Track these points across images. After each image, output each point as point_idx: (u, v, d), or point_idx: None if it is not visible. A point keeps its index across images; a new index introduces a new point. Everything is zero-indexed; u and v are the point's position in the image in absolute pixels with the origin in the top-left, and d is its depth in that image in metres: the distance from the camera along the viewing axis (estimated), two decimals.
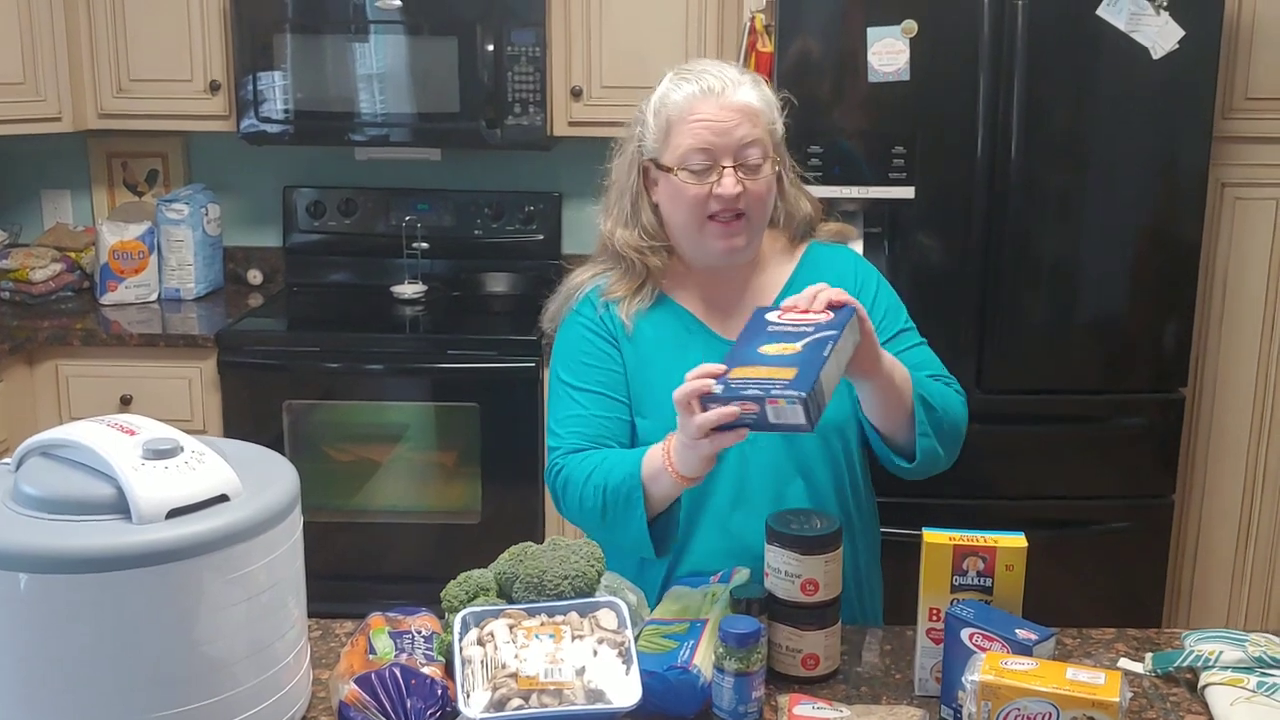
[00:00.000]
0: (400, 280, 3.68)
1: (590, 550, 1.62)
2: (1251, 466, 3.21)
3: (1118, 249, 2.98)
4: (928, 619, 1.57)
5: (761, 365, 1.53)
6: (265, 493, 1.36)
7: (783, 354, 1.54)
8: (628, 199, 1.89)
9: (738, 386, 1.52)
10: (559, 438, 1.88)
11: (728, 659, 1.47)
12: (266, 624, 1.36)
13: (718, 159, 1.78)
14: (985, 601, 1.53)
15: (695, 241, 1.85)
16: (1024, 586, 1.54)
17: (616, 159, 1.93)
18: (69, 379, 3.28)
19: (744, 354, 1.57)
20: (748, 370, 1.53)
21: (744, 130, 1.78)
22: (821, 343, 1.55)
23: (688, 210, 1.81)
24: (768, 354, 1.55)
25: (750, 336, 1.61)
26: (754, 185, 1.80)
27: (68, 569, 1.22)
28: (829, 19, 2.89)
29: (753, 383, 1.51)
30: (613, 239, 1.90)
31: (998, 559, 1.53)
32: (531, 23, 3.33)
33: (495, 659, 1.43)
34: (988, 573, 1.54)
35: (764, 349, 1.56)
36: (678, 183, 1.80)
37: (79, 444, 1.32)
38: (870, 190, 2.92)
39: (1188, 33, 2.82)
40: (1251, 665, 1.55)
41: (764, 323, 1.63)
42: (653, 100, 1.85)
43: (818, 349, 1.53)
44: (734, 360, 1.57)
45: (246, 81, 3.39)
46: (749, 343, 1.59)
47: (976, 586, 1.54)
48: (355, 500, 3.44)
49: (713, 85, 1.79)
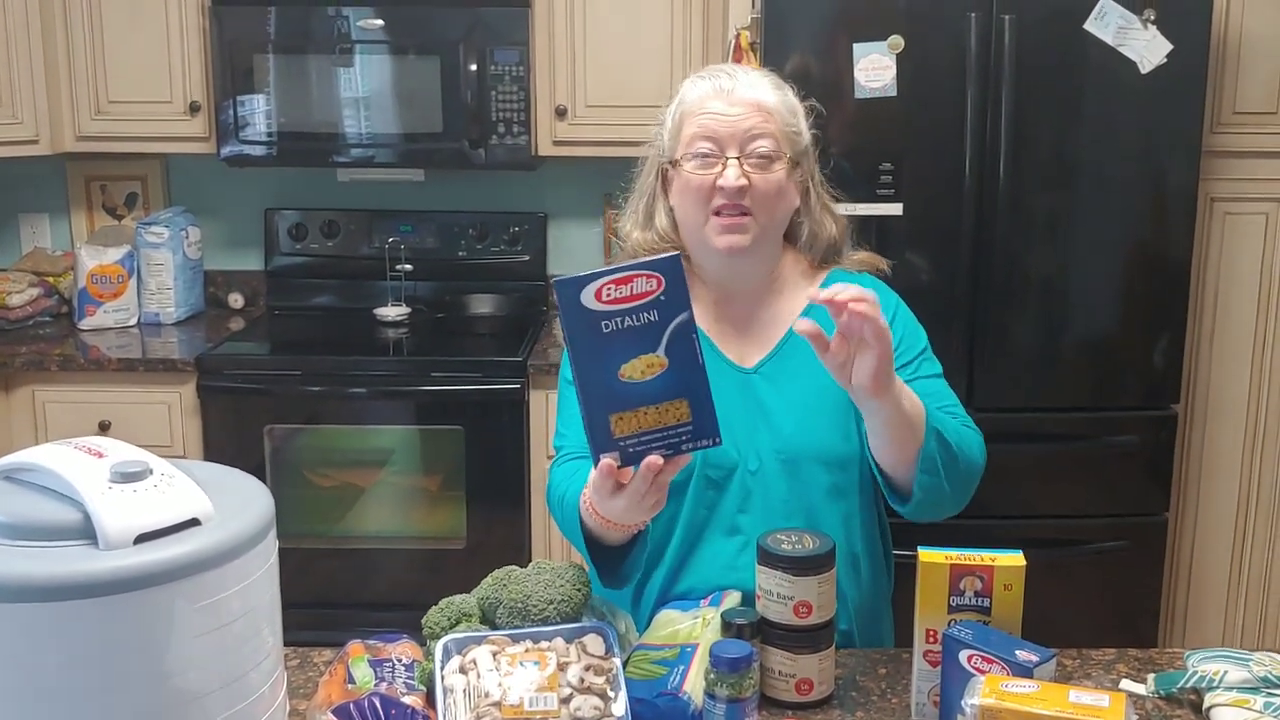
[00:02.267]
0: (384, 303, 3.64)
1: (576, 573, 1.57)
2: (1245, 482, 3.19)
3: (1107, 264, 2.96)
4: (925, 641, 1.53)
5: (639, 407, 1.39)
6: (238, 517, 1.31)
7: (651, 374, 1.38)
8: (645, 201, 1.86)
9: (638, 448, 1.40)
10: (564, 438, 1.84)
11: (719, 685, 1.43)
12: (240, 653, 1.31)
13: (724, 149, 1.74)
14: (984, 622, 1.49)
15: (700, 239, 1.79)
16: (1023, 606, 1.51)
17: (642, 168, 1.90)
18: (46, 405, 3.24)
19: (605, 384, 1.38)
20: (631, 420, 1.39)
21: (752, 122, 1.74)
22: (688, 343, 1.39)
23: (693, 202, 1.77)
24: (635, 380, 1.38)
25: (586, 345, 1.38)
26: (760, 180, 1.74)
27: (31, 597, 1.17)
28: (815, 35, 2.87)
29: (650, 439, 1.40)
30: (628, 241, 1.87)
31: (996, 578, 1.50)
32: (515, 42, 3.31)
33: (478, 687, 1.39)
34: (985, 592, 1.50)
35: (625, 371, 1.38)
36: (685, 174, 1.77)
37: (43, 468, 1.27)
38: (858, 207, 2.89)
39: (1176, 47, 2.81)
40: (1257, 685, 1.51)
41: (588, 315, 1.37)
42: (674, 101, 1.83)
43: (689, 355, 1.38)
44: (595, 400, 1.38)
45: (227, 103, 3.36)
46: (592, 358, 1.38)
47: (974, 607, 1.50)
48: (339, 526, 3.39)
49: (725, 83, 1.77)
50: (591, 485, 1.49)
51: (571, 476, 1.72)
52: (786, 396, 1.81)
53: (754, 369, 1.83)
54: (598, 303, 1.37)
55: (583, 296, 1.37)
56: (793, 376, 1.81)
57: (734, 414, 1.78)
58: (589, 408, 1.39)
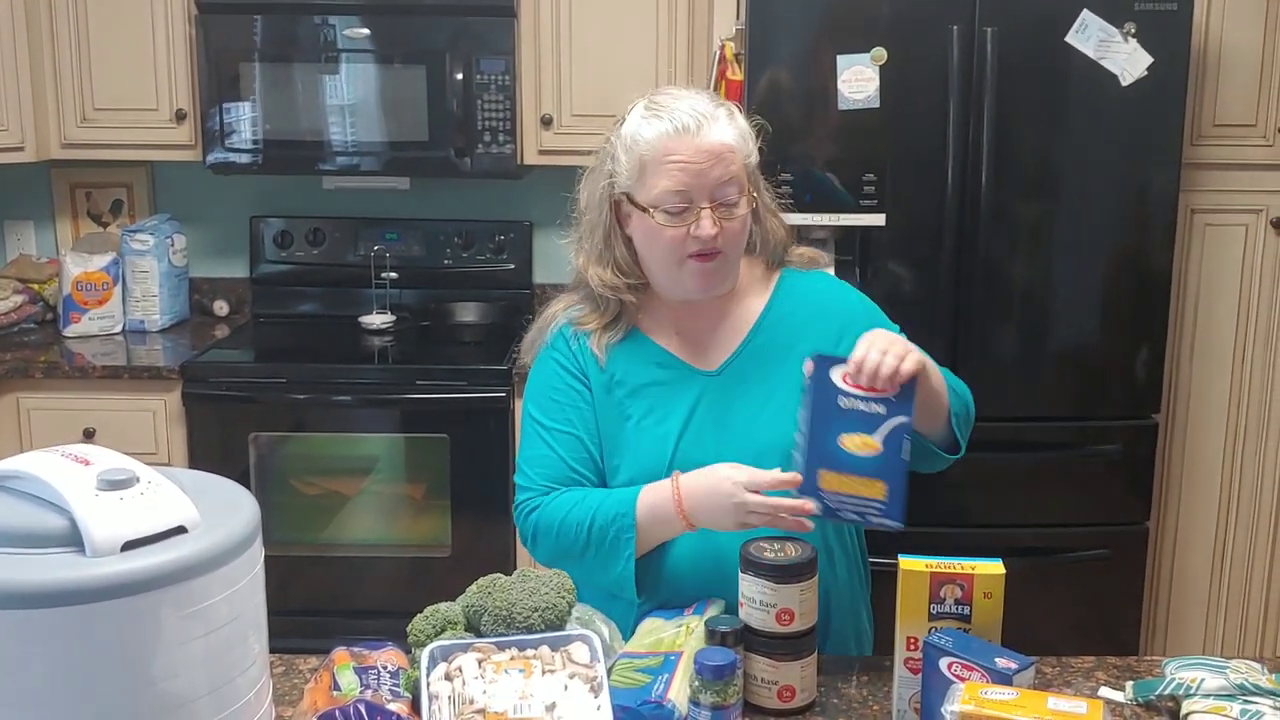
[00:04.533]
0: (369, 310, 3.65)
1: (560, 581, 1.58)
2: (1226, 491, 3.21)
3: (1088, 275, 2.98)
4: (905, 648, 1.54)
5: (848, 474, 1.61)
6: (225, 524, 1.32)
7: (865, 453, 1.61)
8: (599, 234, 1.86)
9: (834, 505, 1.62)
10: (528, 477, 1.87)
11: (703, 692, 1.44)
12: (227, 660, 1.31)
13: (695, 201, 1.76)
14: (964, 630, 1.51)
15: (673, 278, 1.83)
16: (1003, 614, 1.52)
17: (585, 189, 1.90)
18: (30, 412, 3.23)
19: (824, 445, 1.62)
20: (836, 480, 1.61)
21: (719, 170, 1.76)
22: (899, 440, 1.60)
23: (665, 250, 1.80)
24: (850, 451, 1.61)
25: (823, 411, 1.62)
26: (730, 224, 1.78)
27: (18, 604, 1.18)
28: (799, 47, 2.89)
29: (848, 502, 1.61)
30: (586, 274, 1.88)
31: (975, 586, 1.51)
32: (501, 51, 3.32)
33: (463, 694, 1.39)
34: (965, 600, 1.51)
35: (844, 441, 1.61)
36: (653, 224, 1.78)
37: (30, 475, 1.28)
38: (841, 218, 2.91)
39: (1156, 59, 2.83)
40: (1234, 693, 1.53)
41: (833, 390, 1.62)
42: (624, 135, 1.81)
43: (897, 450, 1.59)
44: (815, 452, 1.62)
45: (213, 111, 3.36)
46: (825, 423, 1.62)
47: (954, 614, 1.52)
48: (324, 534, 3.39)
49: (687, 124, 1.76)
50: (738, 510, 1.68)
51: (582, 500, 1.79)
52: (750, 398, 1.84)
53: (716, 372, 1.87)
54: (843, 383, 1.63)
55: (831, 373, 1.63)
56: (757, 377, 1.85)
57: (700, 417, 1.83)
58: (809, 456, 1.62)
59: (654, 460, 1.81)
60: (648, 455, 1.82)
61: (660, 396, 1.85)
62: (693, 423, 1.83)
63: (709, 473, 1.72)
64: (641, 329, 1.89)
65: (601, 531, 1.75)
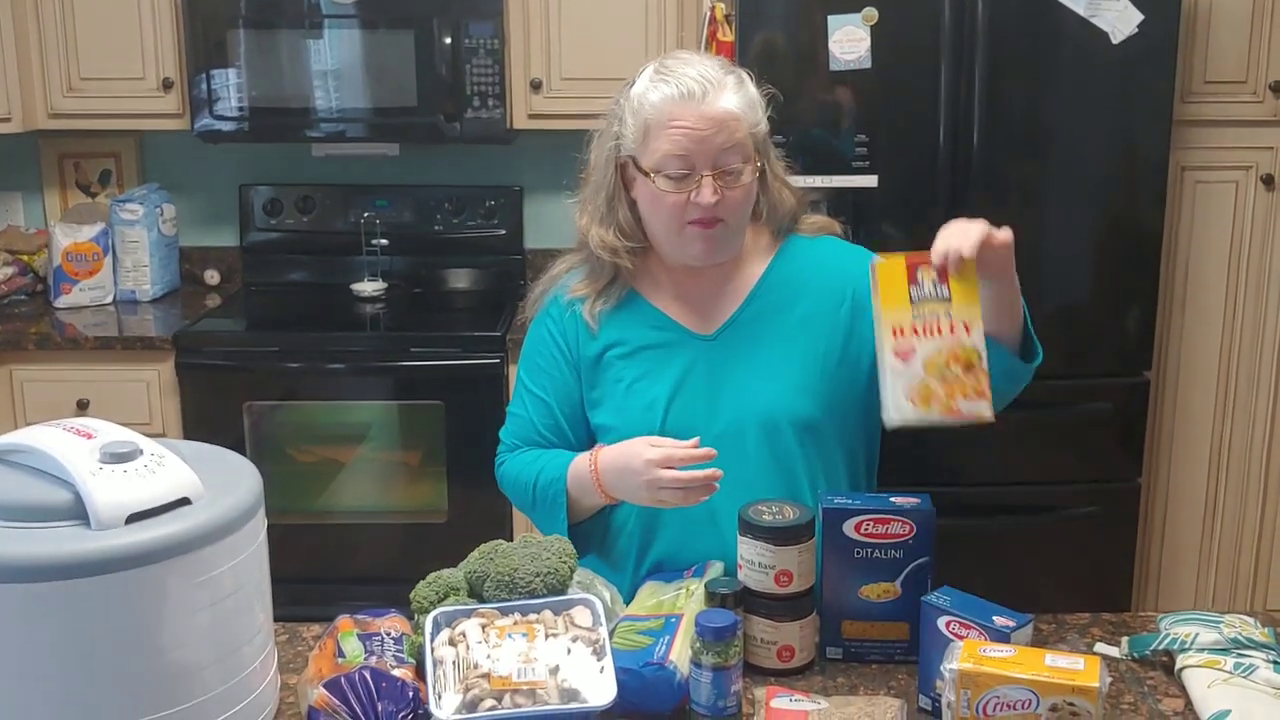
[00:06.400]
0: (360, 278, 3.64)
1: (562, 546, 1.60)
2: (1216, 448, 3.23)
3: (1080, 234, 2.99)
4: (892, 337, 1.56)
5: (871, 621, 1.62)
6: (228, 495, 1.33)
7: (885, 598, 1.61)
8: (604, 195, 1.86)
9: (859, 649, 1.63)
10: (507, 430, 1.98)
11: (705, 653, 1.45)
12: (232, 629, 1.33)
13: (696, 167, 1.75)
14: (947, 311, 1.55)
15: (674, 243, 1.83)
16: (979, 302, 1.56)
17: (594, 150, 1.89)
18: (24, 384, 3.22)
19: (845, 599, 1.62)
20: (859, 628, 1.63)
21: (723, 138, 1.75)
22: (919, 579, 1.60)
23: (666, 216, 1.80)
24: (871, 599, 1.61)
25: (839, 564, 1.62)
26: (732, 193, 1.78)
27: (25, 578, 1.19)
28: (789, 7, 2.88)
29: (873, 645, 1.63)
30: (588, 236, 1.88)
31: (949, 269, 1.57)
32: (489, 15, 3.30)
33: (467, 659, 1.41)
34: (942, 280, 1.56)
35: (864, 591, 1.61)
36: (655, 189, 1.78)
37: (35, 449, 1.28)
38: (833, 179, 2.91)
39: (1147, 17, 2.83)
40: (1228, 647, 1.55)
41: (846, 543, 1.61)
42: (631, 96, 1.81)
43: (918, 591, 1.57)
44: (838, 607, 1.63)
45: (200, 79, 3.34)
46: (842, 576, 1.62)
47: (936, 297, 1.56)
48: (319, 502, 3.40)
49: (692, 89, 1.75)
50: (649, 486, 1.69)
51: (533, 461, 1.90)
52: (748, 362, 1.85)
53: (713, 336, 1.87)
54: (856, 534, 1.60)
55: (844, 526, 1.60)
56: (752, 341, 1.86)
57: (694, 381, 1.84)
58: (829, 610, 1.63)
59: (644, 423, 1.82)
60: (639, 418, 1.83)
61: (655, 360, 1.86)
62: (685, 387, 1.84)
63: (625, 448, 1.74)
64: (640, 292, 1.90)
65: (542, 493, 1.85)
